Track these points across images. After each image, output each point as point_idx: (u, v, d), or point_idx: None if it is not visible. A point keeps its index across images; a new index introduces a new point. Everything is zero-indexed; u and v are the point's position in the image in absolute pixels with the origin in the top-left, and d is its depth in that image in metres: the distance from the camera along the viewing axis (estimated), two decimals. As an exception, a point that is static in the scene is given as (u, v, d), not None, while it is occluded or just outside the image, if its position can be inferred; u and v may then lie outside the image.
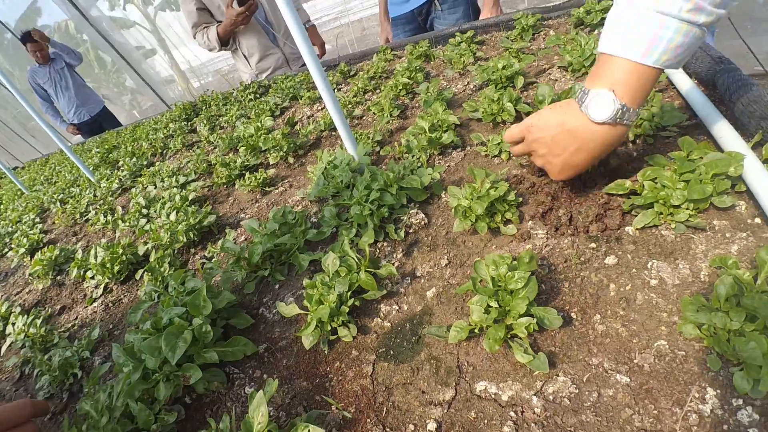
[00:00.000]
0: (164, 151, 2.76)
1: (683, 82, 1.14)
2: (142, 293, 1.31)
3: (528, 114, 1.36)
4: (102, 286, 1.61)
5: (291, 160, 1.75)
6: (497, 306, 0.70)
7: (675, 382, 0.63)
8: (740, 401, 0.58)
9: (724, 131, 0.92)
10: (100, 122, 5.44)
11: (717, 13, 0.69)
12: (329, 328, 0.86)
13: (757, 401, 0.57)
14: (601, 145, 0.80)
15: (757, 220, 0.79)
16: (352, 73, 2.50)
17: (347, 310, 0.85)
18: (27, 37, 4.82)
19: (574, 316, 0.75)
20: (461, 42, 2.01)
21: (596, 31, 1.71)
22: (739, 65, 1.15)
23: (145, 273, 1.38)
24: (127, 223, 1.90)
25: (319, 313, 0.84)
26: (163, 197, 1.85)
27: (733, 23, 2.40)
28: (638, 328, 0.70)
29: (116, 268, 1.55)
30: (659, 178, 0.84)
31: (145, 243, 1.56)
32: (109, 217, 2.08)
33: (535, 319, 0.68)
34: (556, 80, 1.49)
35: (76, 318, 1.56)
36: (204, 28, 3.11)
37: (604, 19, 1.73)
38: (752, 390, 0.57)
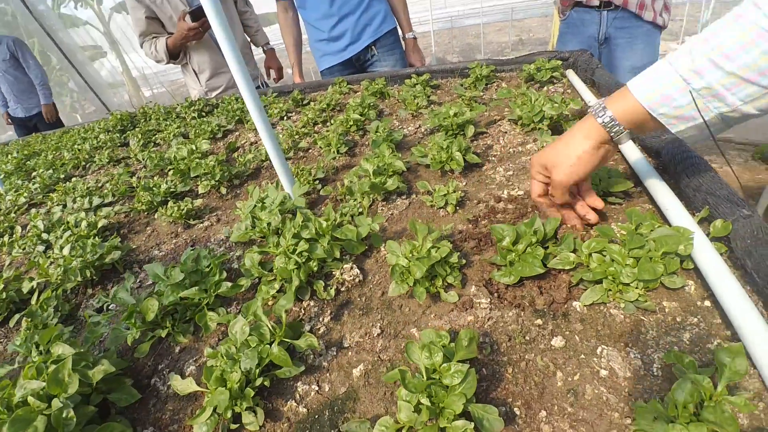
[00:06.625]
0: (87, 165, 2.47)
1: (629, 149, 1.13)
2: (11, 349, 1.06)
3: (476, 164, 1.31)
4: (-28, 329, 1.32)
5: (223, 190, 1.58)
6: (429, 404, 0.58)
7: (628, 505, 0.53)
8: None
9: (670, 203, 0.90)
10: (35, 123, 5.14)
11: (723, 95, 0.69)
12: (230, 415, 0.69)
13: None
14: (580, 136, 0.85)
15: (707, 303, 0.74)
16: (304, 102, 2.40)
17: (252, 393, 0.70)
18: None
19: (518, 412, 0.65)
20: (417, 84, 1.98)
21: (545, 88, 1.74)
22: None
23: (24, 318, 1.13)
24: (23, 249, 1.61)
25: (218, 397, 0.67)
26: (67, 221, 1.59)
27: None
28: (588, 431, 0.61)
29: (-7, 308, 1.28)
30: (608, 252, 0.79)
31: (32, 279, 1.30)
32: (6, 238, 1.77)
33: (472, 424, 0.57)
34: (506, 132, 1.46)
35: (-66, 365, 1.25)
36: (153, 38, 2.92)
37: (552, 77, 1.78)
38: None
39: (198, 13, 2.62)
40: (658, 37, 2.16)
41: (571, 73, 1.75)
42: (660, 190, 0.94)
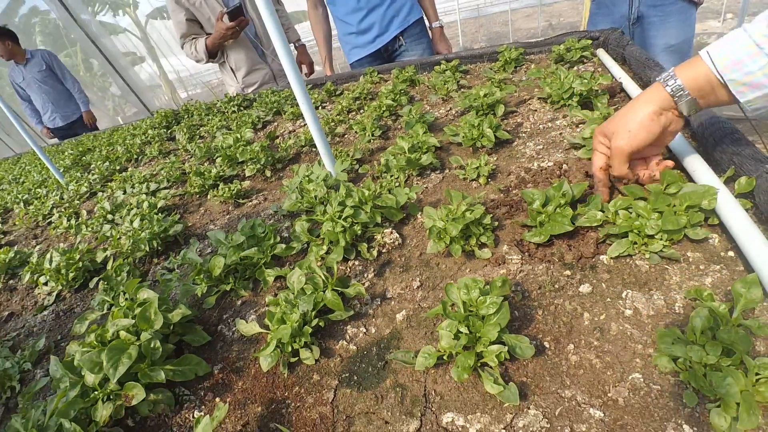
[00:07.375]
0: (139, 157, 2.68)
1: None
2: (94, 303, 1.22)
3: (507, 140, 1.37)
4: (55, 294, 1.51)
5: (268, 173, 1.70)
6: (467, 332, 0.66)
7: (650, 418, 0.59)
8: (716, 442, 0.55)
9: (697, 165, 0.93)
10: (75, 129, 5.37)
11: None
12: (290, 349, 0.80)
13: (734, 442, 0.54)
14: (642, 102, 0.85)
15: (731, 254, 0.78)
16: (338, 92, 2.50)
17: (310, 330, 0.80)
18: None
19: (547, 345, 0.72)
20: (446, 70, 2.04)
21: (575, 68, 1.76)
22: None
23: (101, 282, 1.29)
24: (90, 228, 1.80)
25: (280, 333, 0.78)
26: (130, 203, 1.76)
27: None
28: (612, 360, 0.68)
29: (71, 275, 1.46)
30: (634, 208, 0.84)
31: (105, 250, 1.47)
32: (73, 221, 1.98)
33: (506, 348, 0.65)
34: (536, 110, 1.51)
35: (23, 326, 1.44)
36: (192, 39, 3.11)
37: (583, 57, 1.80)
38: (729, 428, 0.54)
39: (235, 13, 2.78)
40: (694, 13, 2.13)
41: (601, 52, 1.77)
42: (687, 153, 0.98)
